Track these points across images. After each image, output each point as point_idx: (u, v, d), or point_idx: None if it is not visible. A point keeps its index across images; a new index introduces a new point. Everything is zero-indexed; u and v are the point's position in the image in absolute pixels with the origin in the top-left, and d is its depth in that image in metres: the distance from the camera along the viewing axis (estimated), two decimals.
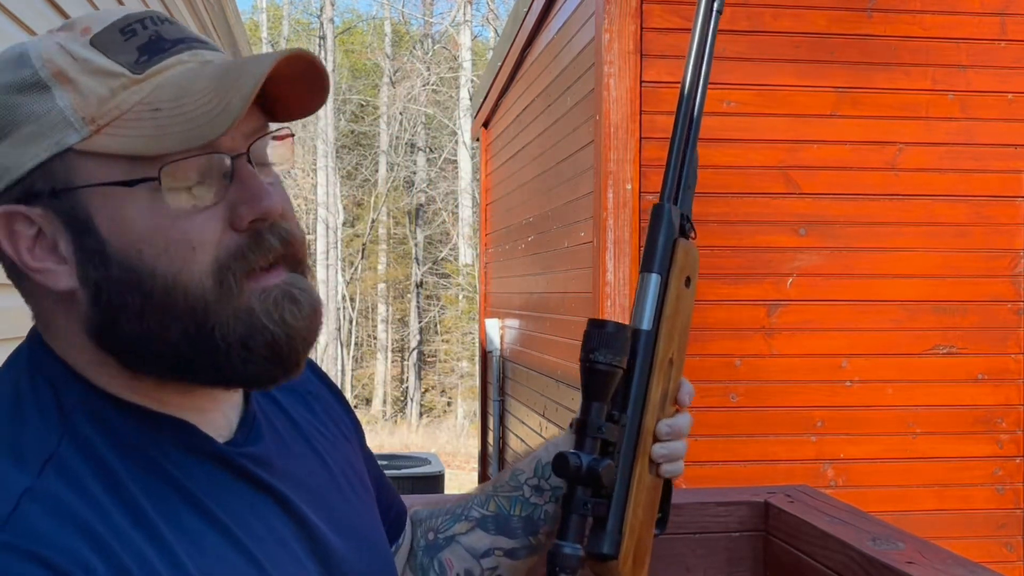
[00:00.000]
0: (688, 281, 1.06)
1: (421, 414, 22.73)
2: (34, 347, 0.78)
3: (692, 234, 1.09)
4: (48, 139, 0.71)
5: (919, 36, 3.96)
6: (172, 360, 0.73)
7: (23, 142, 0.71)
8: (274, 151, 0.79)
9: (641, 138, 3.88)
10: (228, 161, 0.73)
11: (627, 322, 1.03)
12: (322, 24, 24.74)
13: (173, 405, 0.77)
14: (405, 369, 24.02)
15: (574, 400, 4.58)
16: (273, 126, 0.79)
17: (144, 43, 0.72)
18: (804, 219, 3.91)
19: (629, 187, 3.85)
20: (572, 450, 0.96)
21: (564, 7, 4.93)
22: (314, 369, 1.01)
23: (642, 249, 1.03)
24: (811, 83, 3.95)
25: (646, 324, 1.02)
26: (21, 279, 0.76)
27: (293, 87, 0.75)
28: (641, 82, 3.87)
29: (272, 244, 0.74)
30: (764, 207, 3.91)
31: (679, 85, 1.18)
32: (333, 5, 24.70)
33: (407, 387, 23.41)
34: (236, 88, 0.69)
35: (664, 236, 1.07)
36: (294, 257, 0.76)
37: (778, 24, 3.94)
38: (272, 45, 24.24)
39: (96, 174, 0.71)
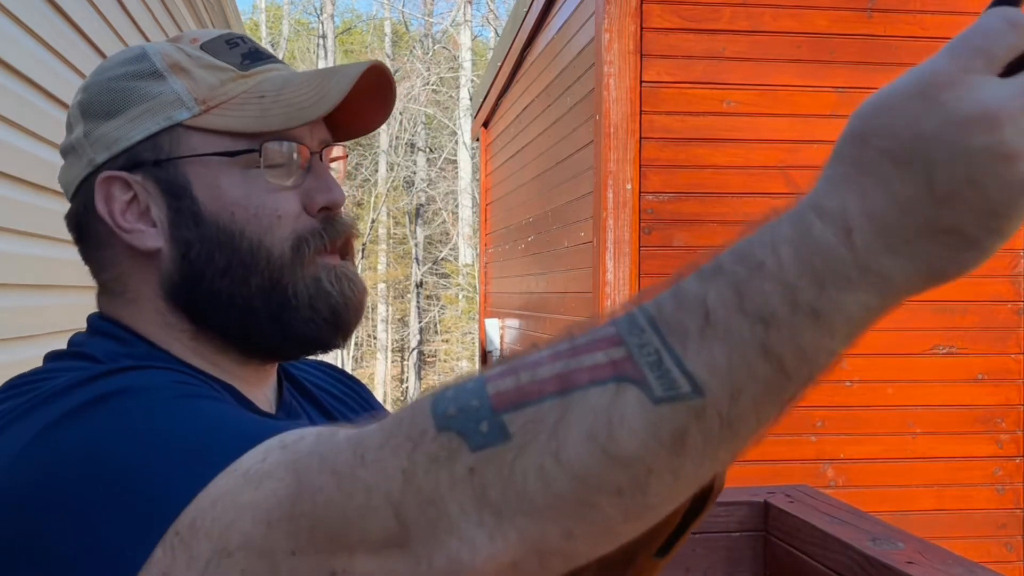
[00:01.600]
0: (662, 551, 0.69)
1: None
2: (100, 322, 0.85)
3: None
4: (160, 115, 0.81)
5: (919, 36, 3.97)
6: (243, 313, 0.82)
7: (134, 118, 0.82)
8: (333, 150, 0.89)
9: (641, 138, 3.88)
10: (308, 154, 0.84)
11: None
12: (322, 24, 24.74)
13: (226, 373, 0.84)
14: (405, 369, 24.02)
15: None
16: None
17: (246, 52, 0.85)
18: None
19: (629, 187, 3.85)
20: None
21: (564, 7, 4.93)
22: (344, 372, 1.08)
23: (642, 249, 0.95)
24: (811, 83, 3.95)
25: None
26: (101, 251, 0.85)
27: (360, 103, 0.86)
28: (641, 82, 3.87)
29: (340, 230, 0.84)
30: (764, 207, 3.90)
31: (681, 86, 1.12)
32: (333, 5, 24.70)
33: (407, 387, 23.40)
34: (333, 82, 0.81)
35: None
36: (348, 247, 0.87)
37: (778, 24, 3.94)
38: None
39: (200, 146, 0.81)
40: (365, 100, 0.86)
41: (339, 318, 0.84)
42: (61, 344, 0.88)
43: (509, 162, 6.86)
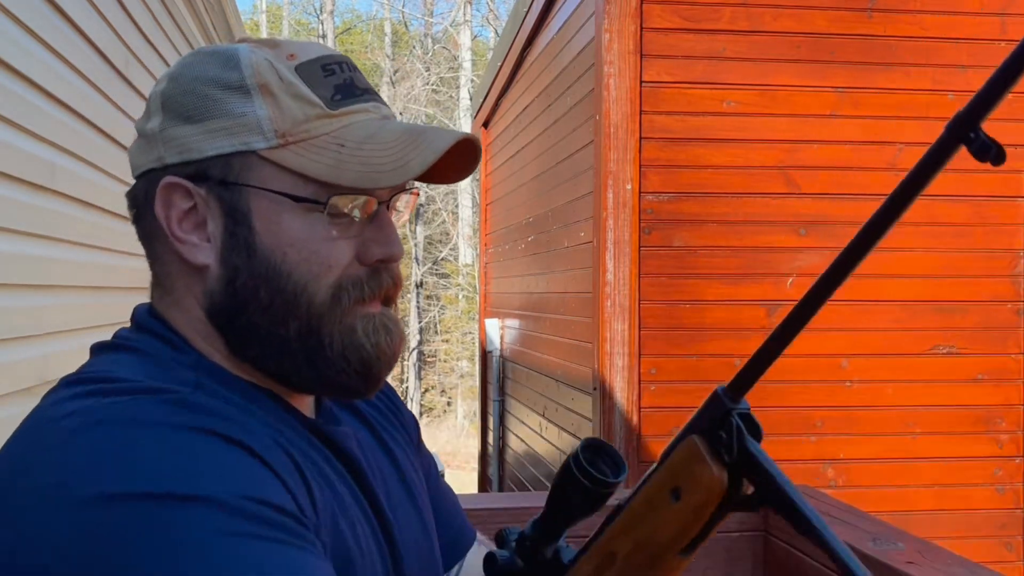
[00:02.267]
0: (676, 493, 0.77)
1: (421, 414, 22.73)
2: (149, 319, 0.85)
3: (729, 454, 0.75)
4: (237, 137, 0.80)
5: (919, 36, 3.96)
6: (279, 352, 0.82)
7: (213, 132, 0.80)
8: (401, 201, 0.89)
9: (641, 138, 3.88)
10: (376, 205, 0.83)
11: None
12: (322, 24, 24.74)
13: (267, 383, 0.85)
14: (405, 369, 24.02)
15: (574, 400, 4.58)
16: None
17: (340, 84, 0.82)
18: (804, 219, 3.91)
19: (629, 187, 3.85)
20: (505, 552, 0.93)
21: (564, 7, 4.93)
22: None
23: (642, 249, 0.96)
24: (811, 83, 3.95)
25: (623, 500, 0.83)
26: (154, 243, 0.85)
27: (447, 160, 0.84)
28: (641, 82, 3.87)
29: (385, 282, 0.85)
30: (764, 207, 3.91)
31: (681, 86, 1.10)
32: (333, 5, 24.70)
33: (407, 387, 23.41)
34: (417, 152, 0.79)
35: (686, 425, 0.79)
36: (393, 296, 0.87)
37: (778, 24, 3.94)
38: None
39: (270, 180, 0.80)
40: (447, 156, 0.84)
41: (370, 370, 0.84)
42: (61, 344, 0.88)
43: (509, 162, 6.86)
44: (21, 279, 2.27)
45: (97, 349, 0.84)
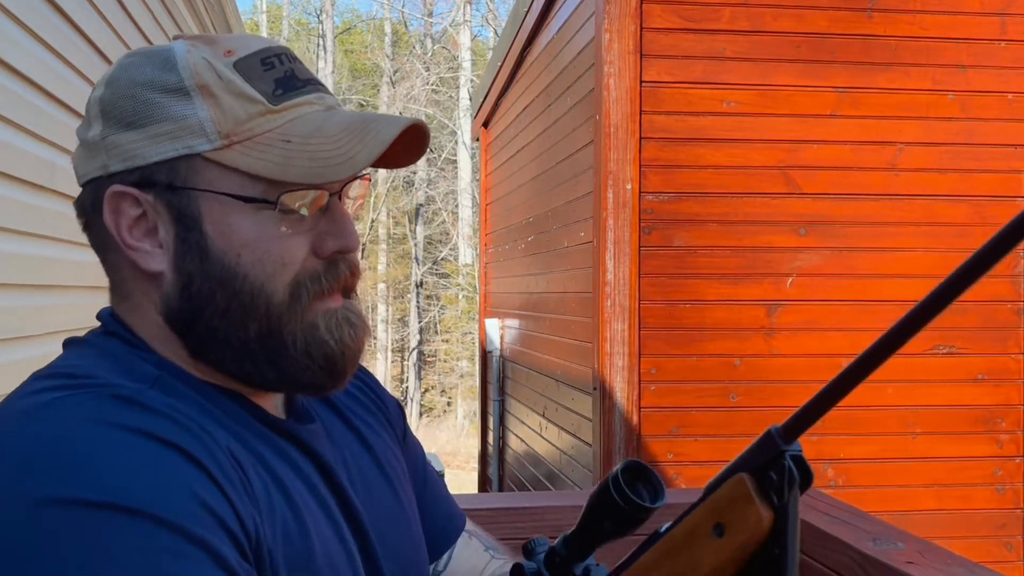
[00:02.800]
0: (719, 529, 0.76)
1: (421, 414, 22.73)
2: (112, 322, 0.85)
3: (787, 493, 0.75)
4: (181, 141, 0.79)
5: (919, 36, 3.96)
6: (240, 355, 0.81)
7: (155, 137, 0.79)
8: (354, 188, 0.87)
9: (641, 138, 3.88)
10: (327, 197, 0.82)
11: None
12: (322, 24, 24.74)
13: (231, 384, 0.84)
14: (405, 369, 24.02)
15: (574, 400, 4.58)
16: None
17: (280, 77, 0.81)
18: (804, 219, 3.91)
19: (629, 187, 3.85)
20: (535, 566, 0.93)
21: (564, 7, 4.93)
22: (362, 369, 1.06)
23: (642, 249, 0.96)
24: (811, 83, 3.95)
25: (662, 528, 0.83)
26: (108, 251, 0.84)
27: (395, 146, 0.83)
28: (641, 82, 3.87)
29: (343, 273, 0.83)
30: (764, 207, 3.91)
31: (681, 86, 1.10)
32: (333, 5, 24.70)
33: (407, 387, 23.40)
34: (363, 144, 0.79)
35: (734, 463, 0.78)
36: (351, 285, 0.85)
37: (778, 24, 3.94)
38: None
39: (217, 183, 0.79)
40: (396, 142, 0.83)
41: (335, 365, 0.83)
42: (61, 344, 0.88)
43: (509, 162, 6.86)
44: (21, 279, 2.27)
45: (67, 344, 0.85)
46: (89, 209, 0.84)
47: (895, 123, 3.95)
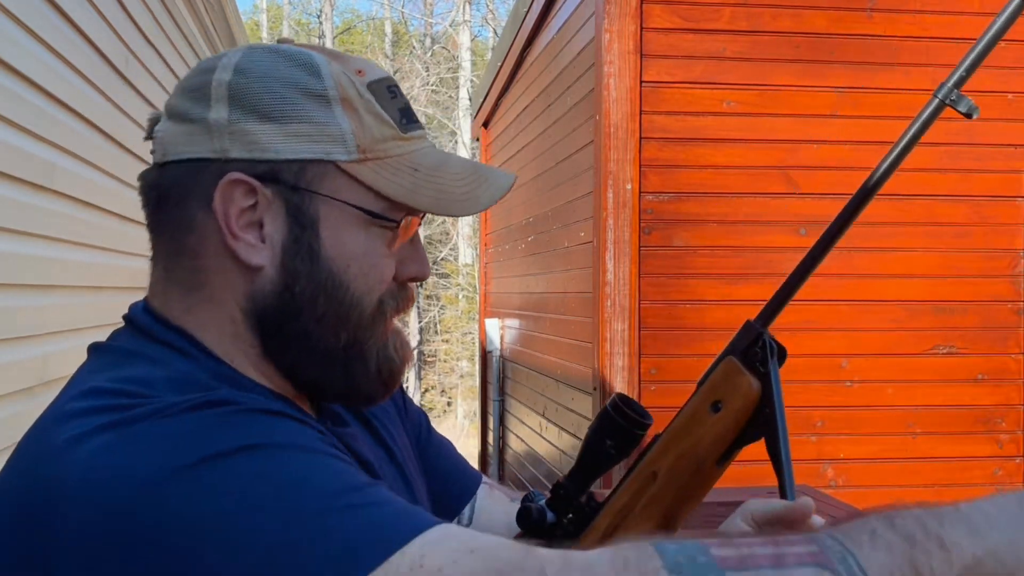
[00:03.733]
0: (716, 406, 0.92)
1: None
2: (152, 326, 0.82)
3: (763, 366, 0.91)
4: (319, 146, 0.80)
5: (919, 36, 3.96)
6: (322, 360, 0.83)
7: (291, 135, 0.80)
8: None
9: (641, 138, 3.88)
10: (417, 226, 0.87)
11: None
12: (321, 24, 24.74)
13: (280, 389, 0.85)
14: None
15: (574, 400, 4.58)
16: None
17: (403, 107, 0.85)
18: (804, 219, 3.90)
19: (629, 187, 3.85)
20: (539, 504, 1.01)
21: (564, 7, 4.93)
22: None
23: (642, 249, 1.03)
24: (811, 83, 3.95)
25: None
26: (185, 234, 0.81)
27: None
28: (641, 82, 3.87)
29: (411, 298, 0.89)
30: (764, 207, 3.91)
31: (681, 86, 1.12)
32: (333, 5, 24.70)
33: (407, 387, 23.35)
34: (485, 187, 0.85)
35: (721, 354, 0.94)
36: (407, 313, 0.91)
37: (778, 24, 3.94)
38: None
39: (343, 192, 0.81)
40: None
41: (394, 381, 0.88)
42: (61, 344, 0.88)
43: (509, 162, 6.86)
44: (21, 279, 2.28)
45: (99, 351, 0.82)
46: (174, 186, 0.81)
47: (895, 123, 3.93)
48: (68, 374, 0.82)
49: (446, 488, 1.10)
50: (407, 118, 0.85)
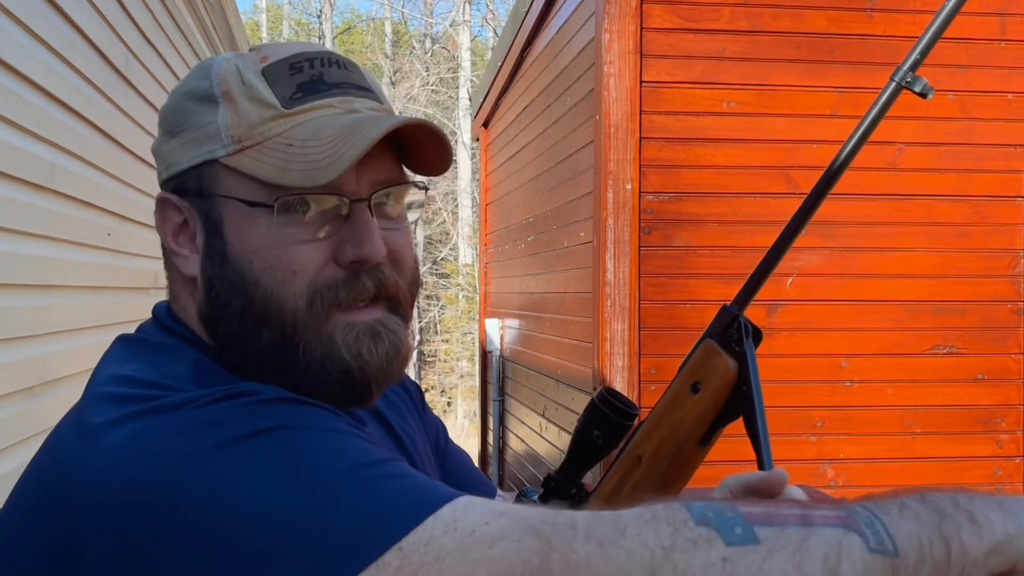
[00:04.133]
0: (696, 387, 0.93)
1: None
2: (171, 323, 0.86)
3: (739, 346, 0.93)
4: (202, 147, 0.81)
5: (919, 36, 3.96)
6: (258, 363, 0.81)
7: (186, 144, 0.82)
8: (411, 197, 0.87)
9: (641, 138, 3.88)
10: (346, 203, 0.80)
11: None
12: (321, 24, 24.74)
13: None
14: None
15: (574, 400, 4.58)
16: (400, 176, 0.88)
17: (304, 81, 0.81)
18: None
19: (629, 187, 3.85)
20: (533, 499, 1.04)
21: (564, 7, 4.93)
22: None
23: (642, 249, 1.03)
24: (811, 83, 3.95)
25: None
26: (164, 253, 0.87)
27: (424, 145, 0.84)
28: (641, 82, 3.87)
29: (366, 286, 0.81)
30: (764, 207, 3.91)
31: (681, 86, 1.13)
32: (333, 5, 24.70)
33: None
34: (350, 145, 0.77)
35: (699, 338, 0.96)
36: (390, 299, 0.84)
37: (778, 24, 3.94)
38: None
39: (233, 188, 0.80)
40: (422, 144, 0.84)
41: (352, 380, 0.81)
42: (61, 344, 0.88)
43: (509, 162, 6.86)
44: (21, 279, 2.27)
45: (141, 344, 0.84)
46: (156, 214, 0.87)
47: (895, 123, 3.93)
48: (68, 374, 0.83)
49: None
50: (306, 90, 0.80)
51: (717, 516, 0.62)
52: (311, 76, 0.81)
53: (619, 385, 3.82)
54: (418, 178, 0.87)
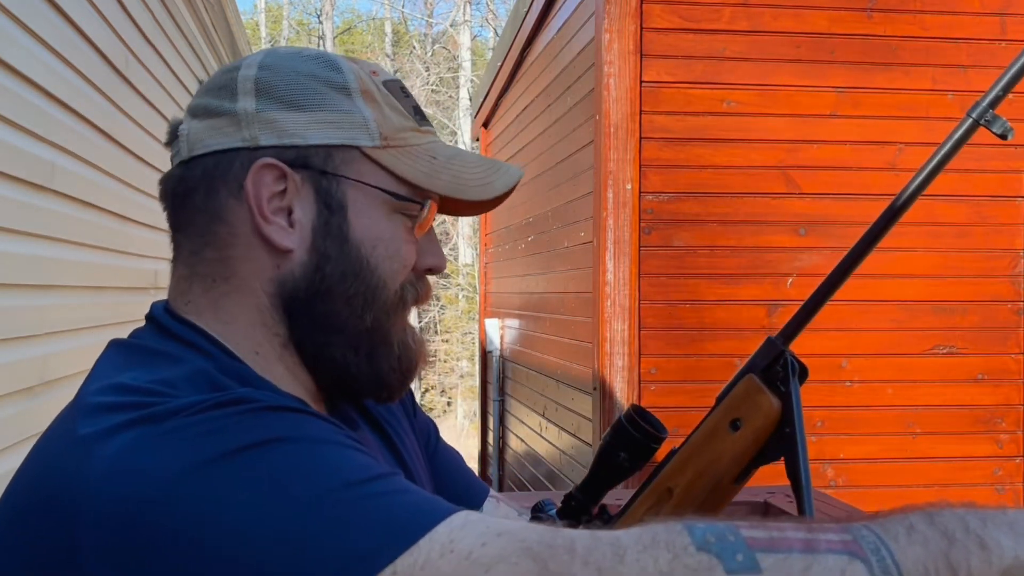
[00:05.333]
0: (736, 424, 0.91)
1: None
2: (173, 325, 0.83)
3: (784, 385, 0.93)
4: (344, 132, 0.84)
5: (919, 36, 3.96)
6: (348, 344, 0.85)
7: (319, 123, 0.83)
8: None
9: (641, 138, 3.88)
10: (445, 220, 0.84)
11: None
12: (322, 24, 24.74)
13: (300, 385, 0.86)
14: None
15: (574, 400, 4.58)
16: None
17: (414, 106, 0.89)
18: (804, 219, 3.91)
19: (629, 187, 3.85)
20: (551, 515, 1.02)
21: (564, 7, 4.93)
22: None
23: (642, 249, 1.03)
24: (811, 83, 3.95)
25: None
26: (214, 224, 0.83)
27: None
28: (641, 82, 3.87)
29: (425, 291, 0.91)
30: (764, 207, 3.91)
31: (680, 86, 1.12)
32: (333, 5, 24.70)
33: None
34: (499, 176, 0.90)
35: (741, 370, 0.93)
36: (421, 306, 0.92)
37: (778, 24, 3.94)
38: (272, 45, 24.24)
39: (369, 177, 0.84)
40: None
41: (409, 376, 0.89)
42: (61, 344, 0.88)
43: (509, 162, 6.85)
44: (21, 279, 2.27)
45: (134, 349, 0.81)
46: (201, 179, 0.83)
47: (895, 123, 3.95)
48: (68, 374, 0.82)
49: (452, 499, 1.09)
50: (419, 115, 0.89)
51: (719, 541, 0.61)
52: (415, 104, 0.90)
53: (619, 385, 3.82)
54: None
